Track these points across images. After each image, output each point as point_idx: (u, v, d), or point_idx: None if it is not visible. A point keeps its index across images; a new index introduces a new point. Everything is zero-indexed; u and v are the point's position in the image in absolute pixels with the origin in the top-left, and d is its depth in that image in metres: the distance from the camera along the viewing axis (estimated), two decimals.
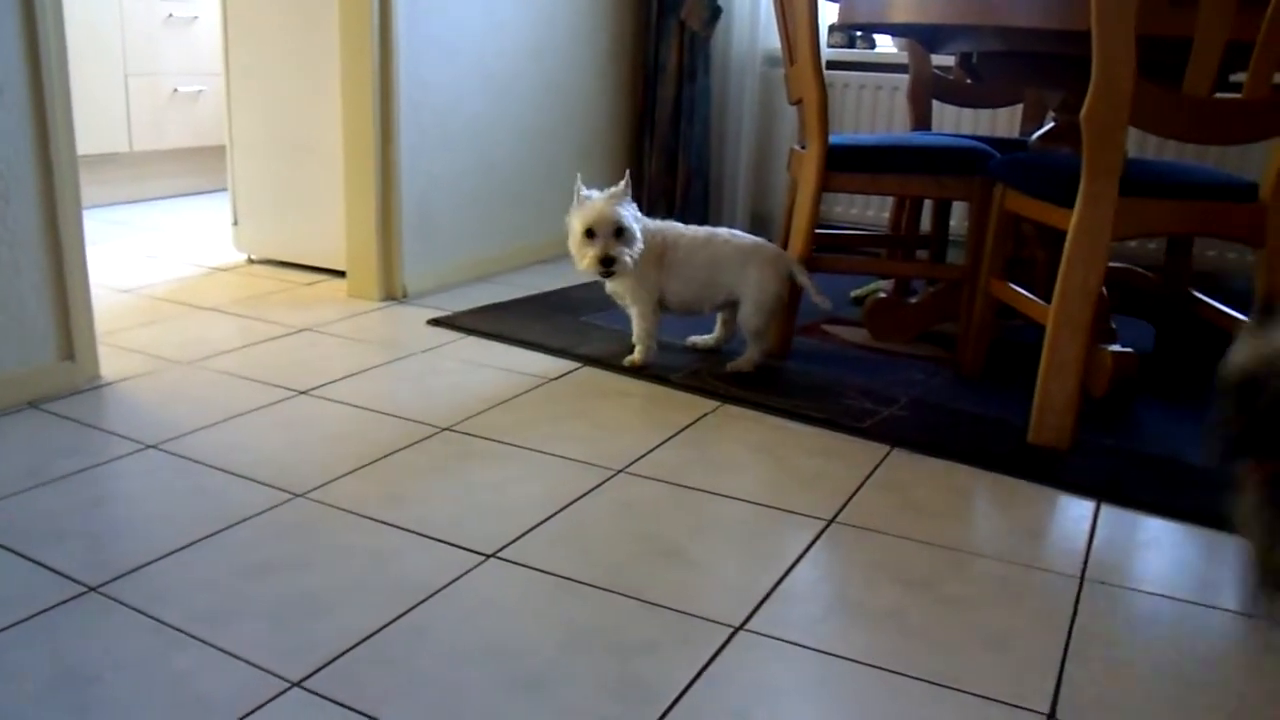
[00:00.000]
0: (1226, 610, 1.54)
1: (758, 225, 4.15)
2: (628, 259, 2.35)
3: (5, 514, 1.67)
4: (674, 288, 2.49)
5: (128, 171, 4.56)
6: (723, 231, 2.52)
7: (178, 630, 1.37)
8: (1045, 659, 1.39)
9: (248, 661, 1.31)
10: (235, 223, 3.48)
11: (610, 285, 2.52)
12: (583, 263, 2.37)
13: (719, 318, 2.65)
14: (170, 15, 4.46)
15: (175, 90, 4.55)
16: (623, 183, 2.40)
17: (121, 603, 1.43)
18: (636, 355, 2.50)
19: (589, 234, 2.35)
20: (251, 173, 3.40)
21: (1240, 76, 2.03)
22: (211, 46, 4.57)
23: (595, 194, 2.39)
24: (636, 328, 2.51)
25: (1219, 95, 2.01)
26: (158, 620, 1.39)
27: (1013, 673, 1.36)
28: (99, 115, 4.26)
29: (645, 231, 2.44)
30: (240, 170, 3.43)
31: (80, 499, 1.73)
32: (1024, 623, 1.48)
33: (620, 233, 2.35)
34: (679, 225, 2.53)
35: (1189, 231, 2.14)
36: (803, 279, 2.50)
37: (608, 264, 2.34)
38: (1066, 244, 2.04)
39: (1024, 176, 2.29)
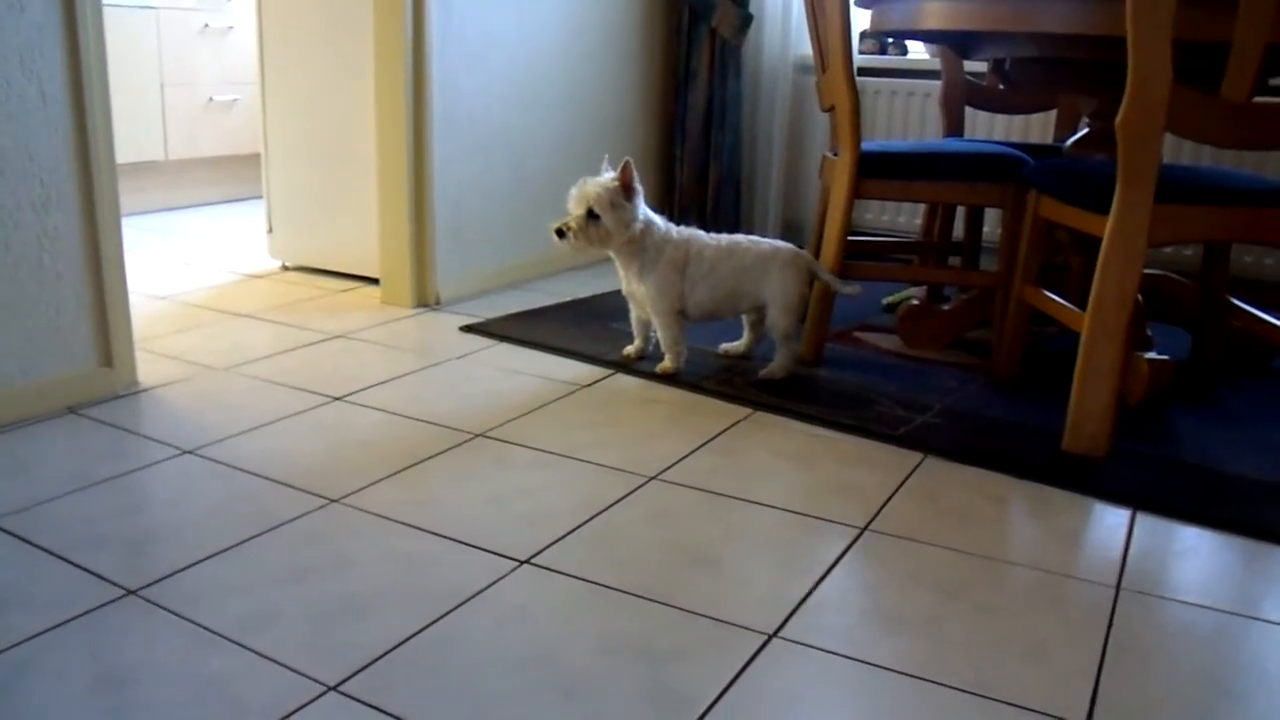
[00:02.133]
0: (1266, 621, 1.52)
1: (789, 232, 4.15)
2: (574, 239, 2.38)
3: (46, 518, 1.69)
4: (697, 298, 2.48)
5: (164, 179, 4.62)
6: (742, 239, 2.53)
7: (215, 634, 1.38)
8: (1081, 669, 1.38)
9: (284, 665, 1.32)
10: (270, 230, 3.52)
11: (627, 287, 2.54)
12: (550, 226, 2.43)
13: (746, 322, 2.65)
14: (206, 25, 4.52)
15: (210, 99, 4.60)
16: (614, 170, 2.44)
17: (160, 606, 1.44)
18: (668, 362, 2.50)
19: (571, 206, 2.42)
20: (286, 180, 3.43)
21: None
22: (246, 56, 4.62)
23: (605, 175, 2.44)
24: (662, 337, 2.51)
25: (1258, 100, 1.99)
26: (195, 623, 1.40)
27: (1049, 682, 1.35)
28: (136, 124, 4.32)
29: (667, 240, 2.47)
30: (275, 178, 3.46)
31: (119, 503, 1.75)
32: (1060, 632, 1.47)
33: (591, 216, 2.37)
34: (702, 235, 2.53)
35: (1226, 238, 2.13)
36: (824, 275, 2.52)
37: (559, 234, 2.38)
38: (1102, 251, 2.02)
39: (1058, 183, 2.28)
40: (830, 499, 1.88)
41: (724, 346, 2.68)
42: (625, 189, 2.40)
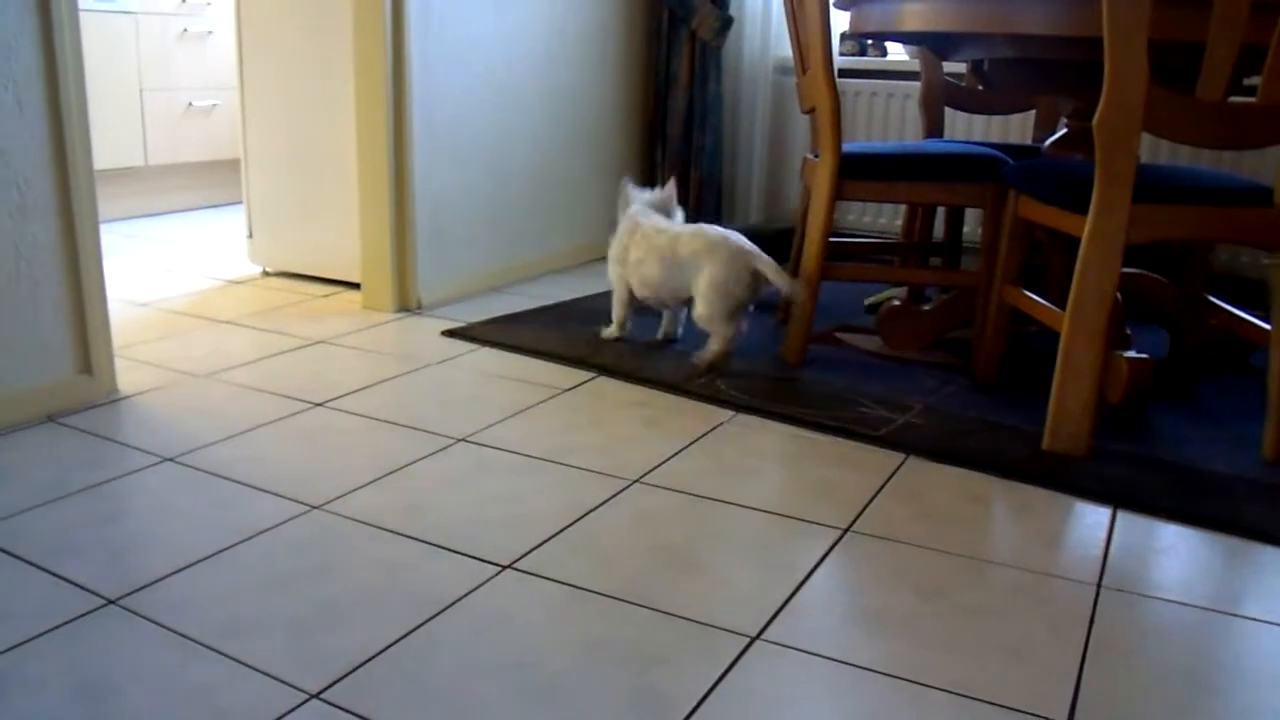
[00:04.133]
0: (1246, 617, 1.53)
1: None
2: None
3: (25, 527, 1.68)
4: (634, 281, 2.67)
5: (143, 185, 4.59)
6: (689, 230, 2.62)
7: (197, 642, 1.38)
8: (1063, 667, 1.39)
9: (266, 673, 1.31)
10: (250, 236, 3.50)
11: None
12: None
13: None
14: (185, 30, 4.50)
15: (190, 105, 4.59)
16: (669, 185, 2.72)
17: (141, 615, 1.44)
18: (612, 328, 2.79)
19: None
20: (266, 186, 3.42)
21: (1255, 80, 2.02)
22: (225, 61, 4.60)
23: (646, 193, 2.66)
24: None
25: (1233, 100, 2.00)
26: (177, 633, 1.40)
27: (1030, 681, 1.35)
28: (115, 130, 4.29)
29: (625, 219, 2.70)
30: (255, 183, 3.45)
31: (99, 512, 1.74)
32: (1041, 631, 1.48)
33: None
34: (659, 220, 2.67)
35: (1203, 237, 2.14)
36: (769, 273, 2.50)
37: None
38: (1080, 250, 2.03)
39: (1037, 183, 2.29)
40: (812, 500, 1.88)
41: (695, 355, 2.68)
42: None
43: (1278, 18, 1.92)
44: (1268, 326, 2.10)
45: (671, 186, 2.68)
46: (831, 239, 2.64)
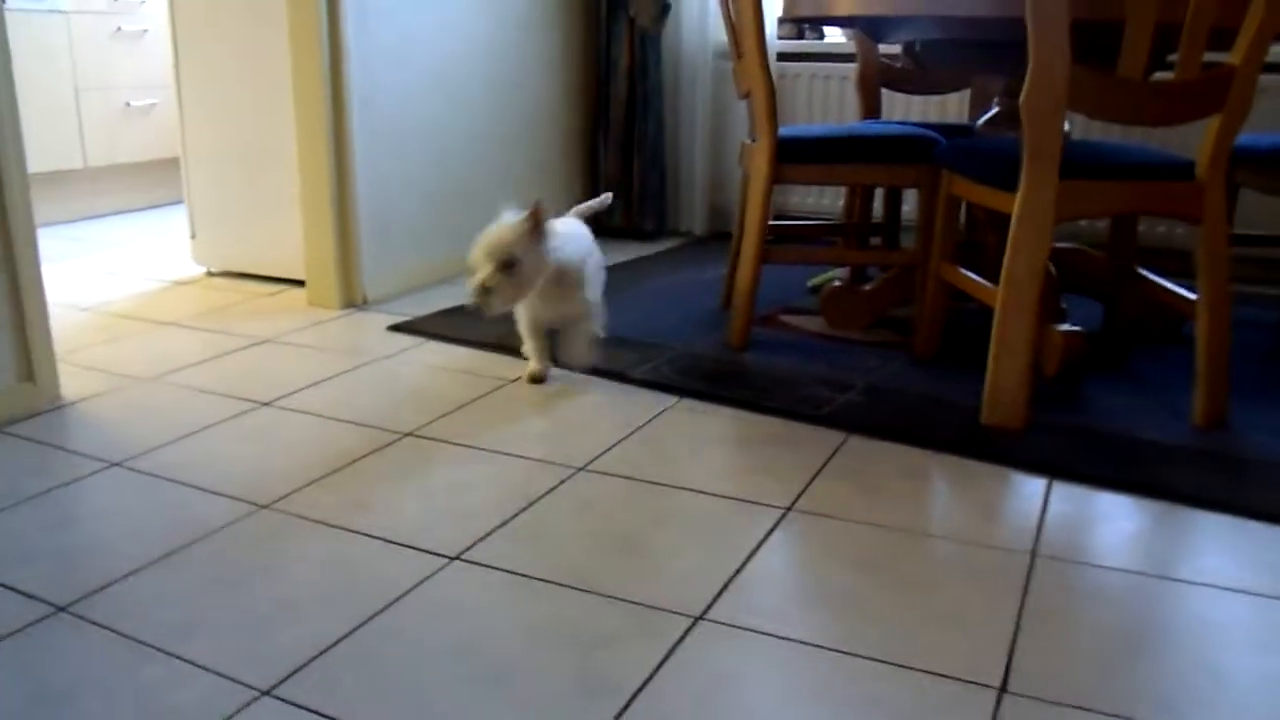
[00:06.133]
0: (1175, 580, 1.58)
1: (715, 218, 4.19)
2: (502, 298, 2.18)
3: None
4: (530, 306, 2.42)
5: (83, 187, 4.54)
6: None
7: (147, 645, 1.39)
8: (997, 635, 1.43)
9: (217, 672, 1.33)
10: (193, 236, 3.48)
11: (534, 314, 2.44)
12: (468, 284, 2.21)
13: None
14: (119, 29, 4.44)
15: (128, 104, 4.54)
16: (530, 210, 2.20)
17: (91, 621, 1.44)
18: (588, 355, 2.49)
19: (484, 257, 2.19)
20: (207, 185, 3.40)
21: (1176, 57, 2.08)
22: (162, 59, 4.55)
23: (510, 217, 2.22)
24: (591, 330, 2.48)
25: (1154, 77, 2.06)
26: (127, 636, 1.41)
27: (966, 650, 1.40)
28: (51, 132, 4.24)
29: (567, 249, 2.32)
30: (196, 183, 3.43)
31: (46, 520, 1.74)
32: (977, 601, 1.52)
33: (509, 265, 2.16)
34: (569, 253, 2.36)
35: (1130, 211, 2.19)
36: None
37: (481, 293, 2.17)
38: (1011, 227, 2.08)
39: (968, 162, 2.34)
40: (756, 481, 1.92)
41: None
42: (537, 228, 2.20)
43: None
44: (1195, 297, 2.16)
45: (536, 211, 2.20)
46: (774, 222, 2.67)
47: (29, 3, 4.06)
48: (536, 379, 2.46)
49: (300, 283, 3.24)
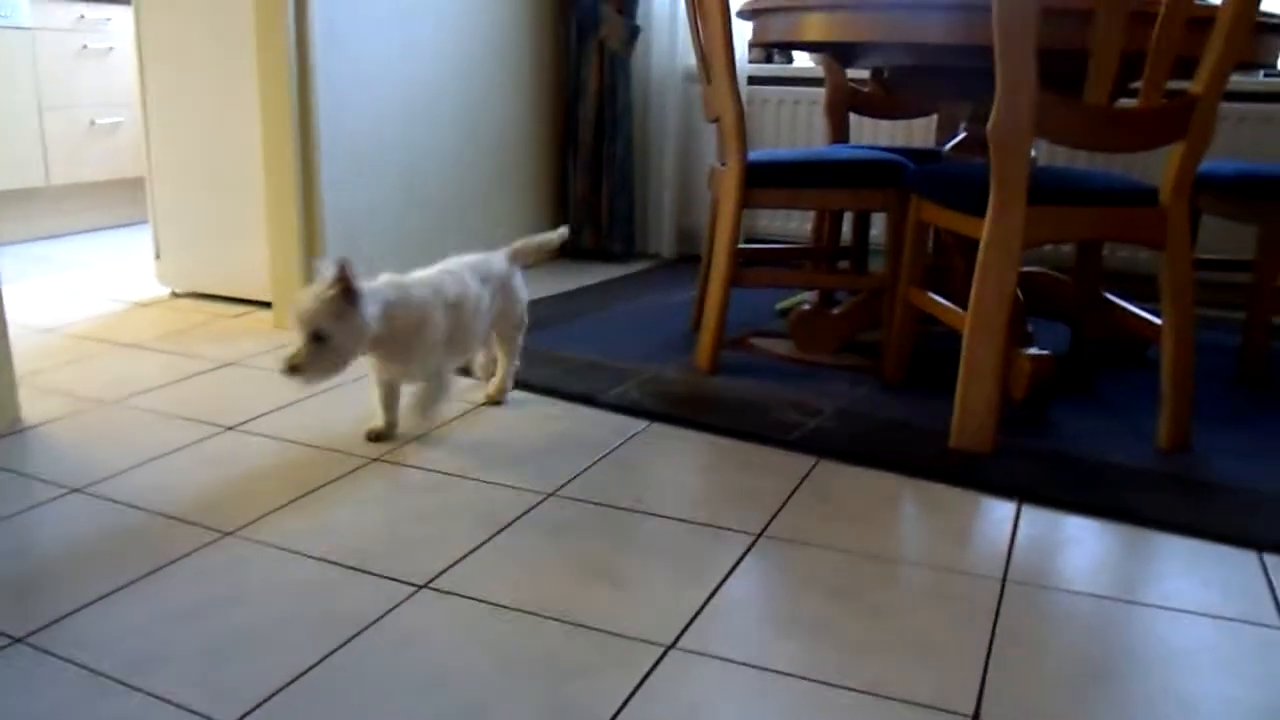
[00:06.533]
0: (1141, 604, 1.59)
1: (684, 241, 4.20)
2: (316, 371, 1.97)
3: None
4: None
5: (46, 206, 4.49)
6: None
7: (107, 677, 1.36)
8: (969, 661, 1.43)
9: (179, 705, 1.30)
10: (158, 256, 3.45)
11: (386, 374, 2.22)
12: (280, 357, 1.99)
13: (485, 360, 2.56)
14: (85, 46, 4.41)
15: (93, 122, 4.49)
16: (336, 274, 1.96)
17: (49, 653, 1.41)
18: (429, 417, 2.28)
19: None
20: (172, 204, 3.37)
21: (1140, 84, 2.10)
22: (128, 78, 4.51)
23: (323, 277, 1.98)
24: (437, 393, 2.23)
25: (1119, 104, 2.08)
26: (86, 668, 1.38)
27: (937, 677, 1.39)
28: (14, 149, 4.19)
29: (410, 305, 2.11)
30: (161, 202, 3.39)
31: (3, 548, 1.71)
32: (948, 627, 1.52)
33: (319, 338, 1.95)
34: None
35: (1096, 237, 2.22)
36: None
37: (289, 371, 1.95)
38: (979, 252, 2.09)
39: (936, 188, 2.35)
40: (726, 507, 1.91)
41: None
42: (347, 293, 1.97)
43: (1155, 26, 1.99)
44: (1159, 322, 2.18)
45: (341, 274, 1.97)
46: (743, 245, 2.68)
47: None
48: (373, 436, 2.21)
49: (267, 304, 3.21)
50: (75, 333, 3.01)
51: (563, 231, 2.56)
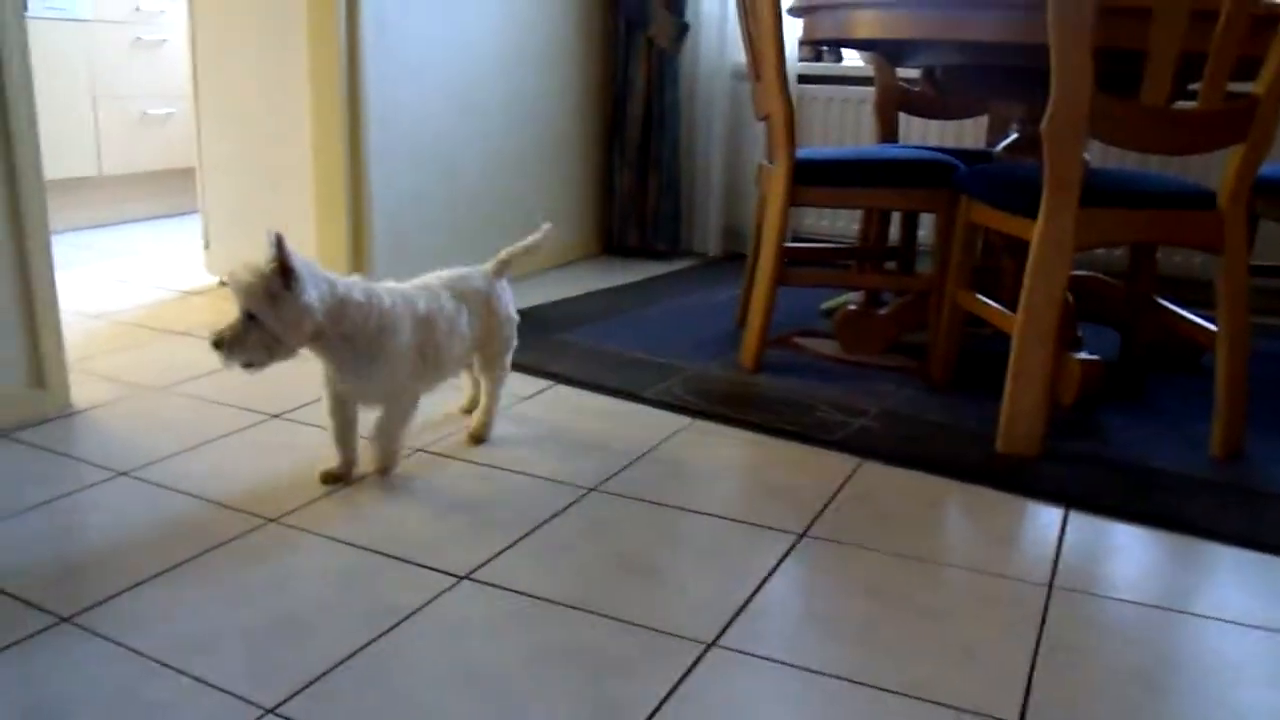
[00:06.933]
0: (1191, 614, 1.56)
1: (729, 239, 4.18)
2: (248, 355, 1.79)
3: None
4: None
5: (98, 195, 4.55)
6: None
7: (151, 659, 1.37)
8: (1014, 668, 1.41)
9: (221, 689, 1.31)
10: (207, 246, 3.48)
11: (337, 388, 1.98)
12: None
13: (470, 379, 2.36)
14: (138, 39, 4.46)
15: (145, 113, 4.55)
16: (273, 249, 1.78)
17: (95, 633, 1.43)
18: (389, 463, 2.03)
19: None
20: (222, 195, 3.40)
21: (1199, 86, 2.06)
22: (180, 69, 4.56)
23: (260, 258, 1.80)
24: (396, 432, 2.02)
25: (1177, 106, 2.04)
26: (131, 649, 1.39)
27: (982, 682, 1.37)
28: (68, 139, 4.25)
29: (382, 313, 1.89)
30: (211, 193, 3.43)
31: (52, 529, 1.73)
32: (994, 632, 1.50)
33: (250, 318, 1.77)
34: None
35: (1150, 240, 2.18)
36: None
37: (216, 346, 1.77)
38: (1030, 254, 2.06)
39: (988, 189, 2.32)
40: (769, 505, 1.90)
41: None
42: (284, 272, 1.76)
43: (1215, 25, 1.95)
44: (1214, 328, 2.14)
45: (277, 258, 1.79)
46: (789, 244, 2.66)
47: (49, 10, 4.07)
48: (328, 479, 1.95)
49: None
50: (125, 320, 3.04)
51: (546, 229, 2.30)
